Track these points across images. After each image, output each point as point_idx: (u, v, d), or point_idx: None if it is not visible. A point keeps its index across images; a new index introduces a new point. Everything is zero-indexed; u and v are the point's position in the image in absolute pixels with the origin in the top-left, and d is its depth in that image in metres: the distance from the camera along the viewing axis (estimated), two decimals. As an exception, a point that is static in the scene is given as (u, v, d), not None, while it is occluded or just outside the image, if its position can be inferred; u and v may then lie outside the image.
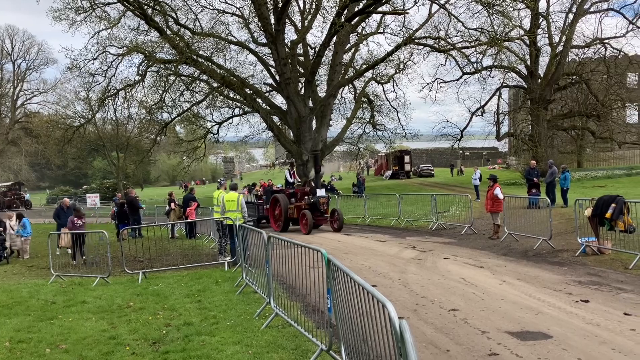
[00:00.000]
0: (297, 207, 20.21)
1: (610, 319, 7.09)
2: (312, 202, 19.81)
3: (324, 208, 19.89)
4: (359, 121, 43.58)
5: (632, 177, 34.13)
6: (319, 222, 20.04)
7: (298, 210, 19.97)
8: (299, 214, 19.79)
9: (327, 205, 20.15)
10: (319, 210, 19.75)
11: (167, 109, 40.67)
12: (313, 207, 19.72)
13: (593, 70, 39.87)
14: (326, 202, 20.01)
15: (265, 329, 7.40)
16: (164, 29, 34.36)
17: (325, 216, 19.98)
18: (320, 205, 19.75)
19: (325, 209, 19.94)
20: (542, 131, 38.20)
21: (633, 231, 11.10)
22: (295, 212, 20.16)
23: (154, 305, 9.39)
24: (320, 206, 19.76)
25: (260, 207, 23.29)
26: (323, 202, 19.84)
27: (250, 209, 23.25)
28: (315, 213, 19.64)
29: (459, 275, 10.43)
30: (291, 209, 20.40)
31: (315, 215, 19.61)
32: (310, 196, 20.16)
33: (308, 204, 19.91)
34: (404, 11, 33.20)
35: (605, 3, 39.87)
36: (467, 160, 79.07)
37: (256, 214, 23.23)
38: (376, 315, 4.17)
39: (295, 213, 20.16)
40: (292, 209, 20.40)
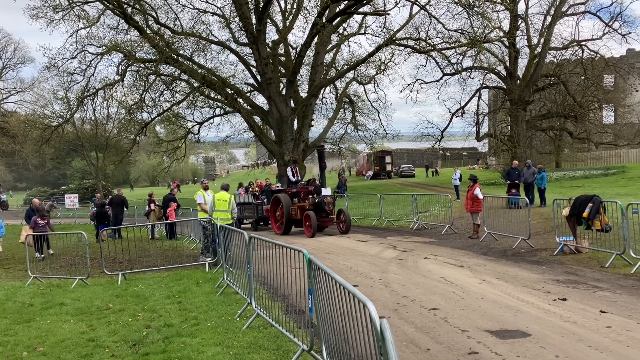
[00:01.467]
0: (300, 207, 18.80)
1: (587, 316, 7.20)
2: (317, 202, 18.40)
3: (329, 209, 18.45)
4: (341, 121, 43.72)
5: (608, 177, 34.69)
6: (324, 224, 18.63)
7: (301, 211, 18.64)
8: (302, 215, 18.50)
9: (333, 206, 18.70)
10: (324, 211, 18.39)
11: (147, 109, 40.35)
12: (317, 208, 18.36)
13: (571, 72, 40.45)
14: (332, 202, 18.55)
15: (247, 329, 7.38)
16: (144, 28, 34.05)
17: (330, 217, 18.61)
18: (325, 206, 18.31)
19: (330, 209, 18.50)
20: (521, 132, 38.65)
21: (609, 230, 11.29)
22: (298, 213, 18.77)
23: (134, 306, 9.31)
24: (326, 206, 18.32)
25: (259, 207, 22.10)
26: (328, 202, 18.36)
27: (248, 209, 22.86)
28: (320, 214, 18.32)
29: (439, 274, 10.51)
30: (294, 210, 18.99)
31: (320, 216, 18.29)
32: (315, 196, 18.67)
33: (312, 204, 18.53)
34: (385, 12, 33.38)
35: (582, 6, 40.49)
36: (447, 161, 79.71)
37: (255, 215, 22.21)
38: (357, 315, 4.19)
39: (298, 214, 18.76)
40: (294, 209, 18.98)
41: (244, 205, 23.57)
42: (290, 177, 20.98)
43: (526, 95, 39.03)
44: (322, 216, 18.38)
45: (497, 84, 42.06)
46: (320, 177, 19.62)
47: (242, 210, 23.26)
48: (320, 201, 18.30)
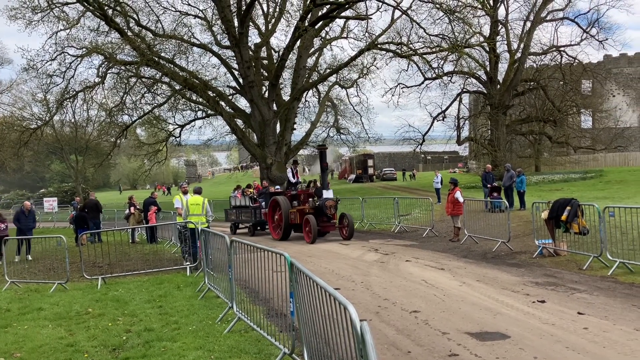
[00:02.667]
0: (299, 211, 17.74)
1: (565, 318, 7.30)
2: (317, 205, 17.30)
3: (331, 212, 17.31)
4: (323, 125, 43.82)
5: (586, 180, 35.21)
6: (326, 229, 17.57)
7: (301, 215, 17.56)
8: (301, 220, 17.41)
9: (335, 209, 17.55)
10: (326, 215, 17.29)
11: (128, 112, 39.97)
12: (318, 212, 17.28)
13: (550, 77, 41.04)
14: (334, 205, 17.40)
15: (228, 333, 7.36)
16: (124, 30, 33.78)
17: (332, 222, 17.50)
18: (326, 210, 17.17)
19: (332, 213, 17.39)
20: (501, 136, 39.08)
21: (587, 233, 11.46)
22: (297, 218, 17.68)
23: (114, 311, 9.22)
24: (327, 210, 17.18)
25: (256, 211, 20.99)
26: (330, 205, 17.23)
27: (245, 213, 21.91)
28: (321, 218, 17.25)
29: (420, 277, 10.58)
30: (293, 214, 17.91)
31: (321, 220, 17.23)
32: (315, 198, 17.61)
33: (312, 208, 17.46)
34: (367, 16, 33.53)
35: (561, 12, 41.15)
36: (428, 164, 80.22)
37: (252, 219, 21.23)
38: (338, 318, 4.21)
39: (297, 218, 17.67)
40: (294, 213, 17.89)
41: (241, 208, 22.54)
42: (290, 178, 19.96)
43: (506, 100, 39.48)
44: (323, 221, 17.32)
45: (477, 89, 42.51)
46: (321, 178, 18.42)
47: (239, 214, 22.57)
48: (321, 205, 17.21)
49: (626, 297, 8.40)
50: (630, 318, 7.20)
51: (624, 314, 7.39)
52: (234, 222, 23.17)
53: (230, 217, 23.61)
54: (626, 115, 57.38)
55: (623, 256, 10.49)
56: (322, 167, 18.35)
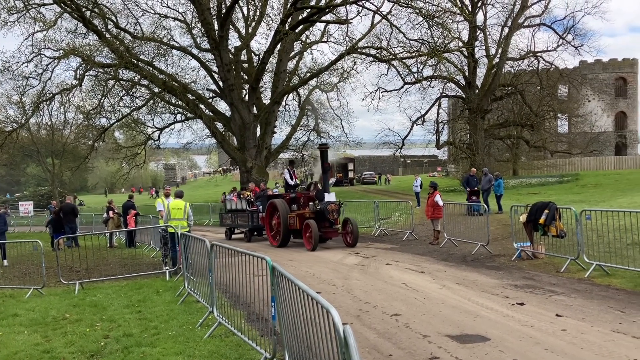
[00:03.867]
0: (299, 215, 16.53)
1: (543, 320, 7.39)
2: (319, 209, 16.13)
3: (333, 217, 16.01)
4: (304, 128, 43.80)
5: (563, 184, 35.74)
6: (328, 235, 16.33)
7: (301, 220, 16.40)
8: (301, 225, 16.25)
9: (338, 214, 16.24)
10: (328, 220, 16.05)
11: (106, 114, 39.50)
12: (320, 216, 16.09)
13: (527, 82, 41.64)
14: (337, 209, 16.09)
15: (208, 338, 7.30)
16: (103, 32, 33.40)
17: (335, 227, 16.23)
18: (328, 214, 15.88)
19: (335, 218, 16.09)
20: (479, 140, 39.47)
21: (564, 236, 11.62)
22: (297, 223, 16.51)
23: (92, 316, 9.08)
24: (329, 215, 15.90)
25: (253, 215, 19.73)
26: (332, 209, 15.92)
27: (241, 217, 20.81)
28: (323, 223, 16.04)
29: (400, 280, 10.62)
30: (292, 218, 16.69)
31: (323, 226, 16.03)
32: (316, 202, 16.46)
33: (313, 212, 16.29)
34: (347, 21, 33.63)
35: (538, 18, 41.77)
36: (408, 168, 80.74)
37: (248, 223, 20.08)
38: (320, 322, 4.20)
39: (297, 223, 16.50)
40: (293, 218, 16.69)
41: (236, 212, 21.31)
42: (287, 180, 18.80)
43: (484, 104, 39.92)
44: (325, 226, 16.09)
45: (456, 93, 42.91)
46: (322, 180, 17.15)
47: (235, 219, 21.43)
48: (323, 208, 15.96)
49: (603, 298, 8.53)
50: (607, 319, 7.31)
51: (601, 316, 7.50)
52: (229, 227, 22.19)
53: (225, 222, 22.57)
54: (601, 120, 58.50)
55: (599, 259, 10.65)
56: (324, 167, 16.99)
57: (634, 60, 62.47)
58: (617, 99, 61.49)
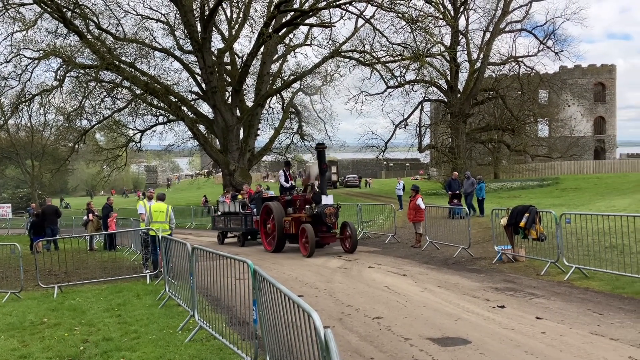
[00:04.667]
0: (295, 219, 15.71)
1: (523, 323, 7.45)
2: (316, 212, 15.27)
3: (331, 221, 15.31)
4: (287, 131, 43.80)
5: (543, 187, 36.17)
6: (325, 240, 15.64)
7: (296, 224, 15.55)
8: (297, 229, 15.42)
9: (336, 218, 15.52)
10: (325, 224, 15.31)
11: (87, 116, 39.10)
12: (317, 220, 15.28)
13: (508, 87, 42.12)
14: (334, 213, 15.35)
15: (189, 342, 7.24)
16: (84, 33, 33.07)
17: (333, 232, 15.56)
18: (326, 218, 15.14)
19: (333, 222, 15.42)
20: (461, 144, 39.82)
21: (544, 239, 11.74)
22: (292, 227, 15.69)
23: (71, 320, 8.96)
24: (327, 218, 15.16)
25: (247, 218, 18.91)
26: (330, 212, 15.20)
27: (234, 220, 19.88)
28: (320, 228, 15.27)
29: (383, 283, 10.64)
30: (287, 222, 15.92)
31: (320, 230, 15.25)
32: (313, 205, 15.57)
33: (310, 216, 15.45)
34: (331, 24, 33.72)
35: (519, 23, 42.31)
36: (390, 171, 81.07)
37: (242, 227, 19.17)
38: (302, 325, 4.19)
39: (292, 227, 15.69)
40: (288, 221, 15.91)
41: (229, 215, 20.27)
42: (282, 182, 17.97)
43: (466, 109, 40.28)
44: (323, 230, 15.32)
45: (438, 97, 43.25)
46: (320, 182, 16.27)
47: (227, 222, 20.39)
48: (320, 212, 15.14)
49: (582, 301, 8.63)
50: (585, 322, 7.39)
51: (580, 318, 7.59)
52: (221, 231, 21.08)
53: (217, 225, 21.47)
54: (580, 125, 59.33)
55: (579, 262, 10.78)
56: (321, 169, 16.08)
57: (612, 66, 63.50)
58: (596, 104, 62.42)
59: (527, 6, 41.54)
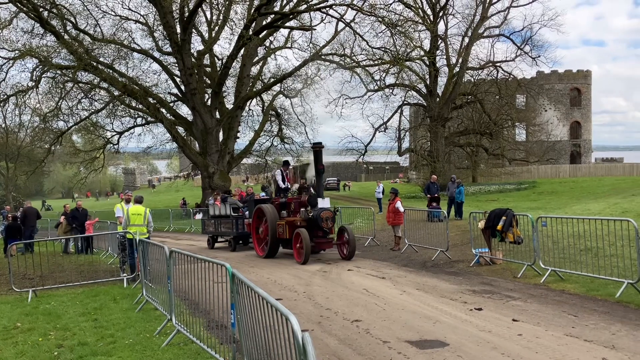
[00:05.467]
0: (289, 223, 14.71)
1: (500, 325, 7.52)
2: (311, 216, 14.34)
3: (327, 226, 14.28)
4: (267, 134, 43.75)
5: (520, 191, 36.63)
6: (321, 247, 14.62)
7: (291, 229, 14.60)
8: (291, 234, 14.50)
9: (333, 222, 14.52)
10: (321, 229, 14.32)
11: (64, 117, 38.64)
12: (312, 224, 14.34)
13: (486, 91, 42.65)
14: (331, 217, 14.36)
15: (167, 346, 7.16)
16: (61, 33, 32.68)
17: (329, 237, 14.58)
18: (322, 222, 14.15)
19: (330, 226, 14.37)
20: (440, 147, 40.17)
21: (521, 242, 11.88)
22: (286, 231, 14.70)
23: (45, 325, 8.80)
24: (323, 223, 14.17)
25: (238, 222, 18.01)
26: (326, 217, 14.20)
27: (225, 224, 18.91)
28: (316, 232, 14.35)
29: (362, 286, 10.66)
30: (281, 226, 14.90)
31: (316, 235, 14.34)
32: (309, 208, 14.55)
33: (305, 220, 14.49)
34: (311, 27, 33.83)
35: (497, 29, 42.93)
36: (370, 174, 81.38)
37: (233, 230, 18.22)
38: (280, 329, 4.18)
39: (286, 232, 14.70)
40: (282, 225, 14.88)
41: (220, 218, 19.34)
42: (279, 182, 16.84)
43: (445, 113, 40.66)
44: (318, 235, 14.39)
45: (418, 101, 43.60)
46: (316, 184, 15.54)
47: (218, 225, 19.41)
48: (316, 216, 14.20)
49: (557, 303, 8.75)
50: (561, 324, 7.49)
51: (555, 320, 7.69)
52: (211, 235, 20.12)
53: (207, 229, 20.48)
54: (557, 129, 60.24)
55: (554, 264, 10.93)
56: (318, 170, 15.32)
57: (588, 72, 64.63)
58: (572, 108, 63.45)
59: (505, 12, 42.21)
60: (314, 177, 16.19)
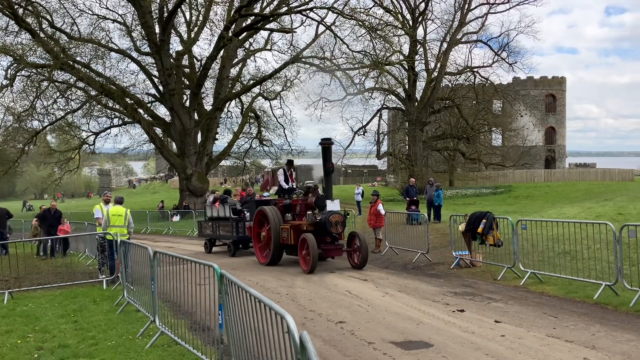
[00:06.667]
0: (294, 227, 13.33)
1: (483, 326, 7.62)
2: (319, 220, 13.00)
3: (337, 231, 12.95)
4: (246, 136, 43.56)
5: (497, 195, 37.08)
6: (329, 254, 13.27)
7: (296, 233, 13.20)
8: (296, 239, 13.08)
9: (343, 227, 13.24)
10: (330, 234, 13.00)
11: (38, 117, 38.01)
12: (320, 229, 12.99)
13: (464, 96, 43.15)
14: (341, 221, 13.03)
15: (150, 348, 7.09)
16: (36, 31, 32.18)
17: (338, 243, 13.25)
18: (331, 227, 12.80)
19: (339, 232, 13.09)
20: (418, 151, 40.49)
21: (501, 245, 12.05)
22: (291, 236, 13.33)
23: (23, 327, 8.64)
24: (332, 228, 12.81)
25: (238, 224, 16.56)
26: (336, 221, 12.87)
27: (224, 227, 17.44)
28: (323, 238, 13.00)
29: (344, 288, 10.70)
30: (285, 231, 13.55)
31: (323, 241, 13.00)
32: (316, 211, 13.25)
33: (312, 224, 13.13)
34: (292, 30, 33.85)
35: (475, 35, 43.47)
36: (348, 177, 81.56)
37: (233, 234, 16.78)
38: (271, 329, 4.18)
39: (291, 237, 13.33)
40: (286, 230, 13.53)
41: (218, 220, 17.86)
42: (282, 183, 15.54)
43: (423, 117, 41.00)
44: (327, 242, 13.07)
45: (396, 105, 43.87)
46: (324, 184, 14.03)
47: (216, 228, 17.91)
48: (324, 220, 12.86)
49: (537, 305, 8.89)
50: (542, 325, 7.62)
51: (536, 321, 7.81)
52: (209, 238, 18.57)
53: (204, 232, 18.99)
54: (532, 135, 61.16)
55: (534, 267, 11.10)
56: (327, 169, 13.72)
57: (562, 79, 65.75)
58: (547, 114, 64.47)
59: (483, 18, 42.74)
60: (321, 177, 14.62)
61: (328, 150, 13.82)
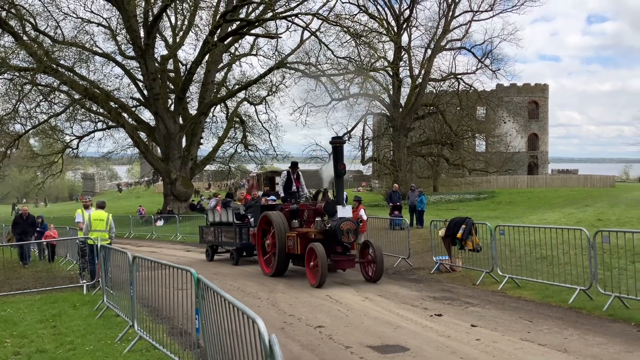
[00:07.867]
0: (301, 235, 12.14)
1: (459, 330, 7.73)
2: (329, 228, 11.87)
3: (349, 240, 11.75)
4: (231, 141, 43.50)
5: (480, 201, 37.41)
6: (341, 265, 12.02)
7: (303, 242, 12.01)
8: (304, 248, 11.90)
9: (356, 236, 12.06)
10: (341, 243, 11.78)
11: (21, 120, 37.67)
12: (330, 238, 11.85)
13: (448, 102, 43.48)
14: (353, 229, 11.84)
15: (128, 353, 7.11)
16: (20, 34, 31.94)
17: (350, 254, 12.04)
18: (342, 235, 11.62)
19: (351, 241, 11.85)
20: (402, 157, 40.71)
21: (480, 250, 12.20)
22: (297, 245, 12.10)
23: (1, 332, 8.59)
24: (343, 236, 11.63)
25: (242, 230, 15.48)
26: (348, 229, 11.70)
27: (226, 233, 16.37)
28: (334, 247, 11.86)
29: (325, 293, 10.76)
30: (292, 239, 12.32)
31: (334, 251, 11.86)
32: (326, 218, 12.09)
33: (321, 232, 12.02)
34: (277, 35, 33.96)
35: (459, 42, 43.91)
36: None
37: (237, 241, 15.67)
38: (246, 333, 4.24)
39: (297, 246, 12.10)
40: (292, 238, 12.30)
41: (221, 226, 16.89)
42: (280, 190, 14.82)
43: (407, 123, 41.28)
44: (337, 252, 11.92)
45: (381, 111, 44.07)
46: (335, 188, 12.55)
47: (218, 235, 16.80)
48: (335, 227, 11.70)
49: (514, 309, 9.04)
50: (517, 329, 7.75)
51: (512, 326, 7.95)
52: (211, 245, 17.47)
53: (206, 238, 17.88)
54: (515, 141, 61.78)
55: (511, 272, 11.26)
56: (338, 171, 12.26)
57: (545, 86, 66.60)
58: (529, 121, 65.22)
59: (466, 25, 43.18)
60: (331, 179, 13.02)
61: (339, 150, 12.40)
